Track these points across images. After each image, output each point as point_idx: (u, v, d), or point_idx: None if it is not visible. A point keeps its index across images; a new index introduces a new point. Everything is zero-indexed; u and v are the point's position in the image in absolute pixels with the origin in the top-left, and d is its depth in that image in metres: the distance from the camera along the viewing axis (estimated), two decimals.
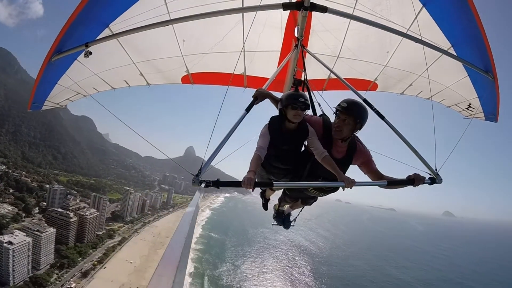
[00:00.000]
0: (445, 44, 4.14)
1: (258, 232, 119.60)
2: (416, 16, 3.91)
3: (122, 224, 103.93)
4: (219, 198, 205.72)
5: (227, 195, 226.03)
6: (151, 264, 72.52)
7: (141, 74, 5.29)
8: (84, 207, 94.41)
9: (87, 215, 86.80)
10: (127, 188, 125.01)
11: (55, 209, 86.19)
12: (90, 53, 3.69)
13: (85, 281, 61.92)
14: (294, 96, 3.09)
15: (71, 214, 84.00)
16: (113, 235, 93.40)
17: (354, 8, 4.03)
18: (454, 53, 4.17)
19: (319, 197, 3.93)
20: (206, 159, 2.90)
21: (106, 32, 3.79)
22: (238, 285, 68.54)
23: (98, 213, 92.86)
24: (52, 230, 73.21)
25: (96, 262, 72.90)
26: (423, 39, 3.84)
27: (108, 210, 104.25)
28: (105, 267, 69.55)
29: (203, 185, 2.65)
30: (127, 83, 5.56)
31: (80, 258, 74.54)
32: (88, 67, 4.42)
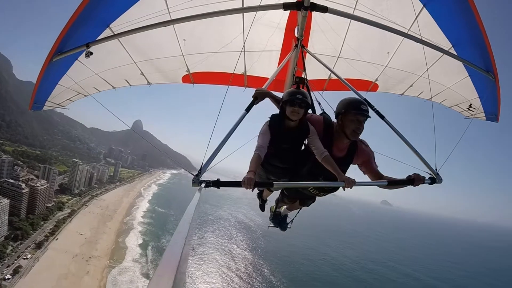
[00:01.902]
0: (445, 44, 4.13)
1: (201, 207, 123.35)
2: (417, 16, 3.90)
3: (70, 197, 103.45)
4: (166, 174, 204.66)
5: (174, 171, 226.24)
6: (101, 236, 74.09)
7: (142, 74, 5.30)
8: (33, 179, 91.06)
9: (38, 186, 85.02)
10: (75, 160, 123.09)
11: (6, 180, 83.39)
12: (91, 53, 3.69)
13: (40, 252, 62.44)
14: (293, 93, 3.09)
15: (23, 185, 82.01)
16: (62, 207, 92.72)
17: (355, 8, 4.03)
18: (454, 53, 4.16)
19: (317, 197, 3.91)
20: (206, 159, 2.90)
21: (107, 32, 3.80)
22: None
23: (48, 184, 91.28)
24: (6, 201, 72.25)
25: (48, 234, 73.10)
26: (423, 39, 3.83)
27: (56, 182, 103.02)
28: (57, 239, 70.31)
29: (203, 185, 2.65)
30: (128, 82, 5.57)
31: (32, 230, 74.18)
32: (89, 67, 4.43)
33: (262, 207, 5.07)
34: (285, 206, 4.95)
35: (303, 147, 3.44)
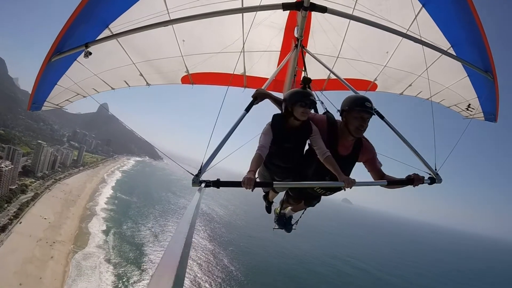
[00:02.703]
0: (444, 44, 4.15)
1: (162, 195, 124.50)
2: (416, 16, 3.91)
3: (33, 180, 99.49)
4: (130, 161, 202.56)
5: (138, 158, 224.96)
6: (65, 221, 73.41)
7: (141, 75, 5.29)
8: None
9: (2, 167, 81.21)
10: (40, 142, 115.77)
11: None
12: (90, 53, 3.68)
13: (4, 235, 61.05)
14: (304, 93, 3.07)
15: None
16: (25, 190, 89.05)
17: (354, 9, 4.03)
18: (453, 53, 4.17)
19: (322, 197, 3.91)
20: (206, 159, 2.89)
21: (106, 33, 3.79)
22: (140, 241, 71.90)
23: (12, 166, 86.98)
24: None
25: (12, 217, 70.65)
26: (422, 39, 3.84)
27: (20, 164, 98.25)
28: (21, 222, 68.80)
29: (203, 185, 2.64)
30: (127, 83, 5.55)
31: None
32: (88, 67, 4.42)
33: (268, 209, 5.03)
34: (289, 207, 4.92)
35: (307, 147, 3.43)
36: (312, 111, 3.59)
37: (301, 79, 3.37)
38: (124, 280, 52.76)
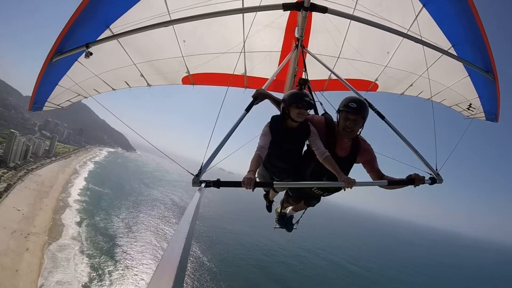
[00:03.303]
0: (445, 44, 4.14)
1: (135, 187, 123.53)
2: (416, 16, 3.90)
3: (6, 170, 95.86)
4: (102, 152, 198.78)
5: (111, 149, 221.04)
6: (38, 212, 72.49)
7: (142, 75, 5.30)
8: None
9: None
10: (12, 131, 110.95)
11: None
12: (91, 53, 3.69)
13: None
14: (299, 95, 3.08)
15: None
16: None
17: (354, 9, 4.03)
18: (454, 53, 4.16)
19: (322, 197, 3.91)
20: (206, 159, 2.89)
21: (106, 33, 3.80)
22: (113, 233, 72.06)
23: None
24: None
25: None
26: (423, 39, 3.83)
27: None
28: None
29: (203, 185, 2.64)
30: (127, 84, 5.56)
31: None
32: (89, 68, 4.43)
33: (268, 208, 5.06)
34: (290, 207, 4.93)
35: (306, 148, 3.44)
36: (312, 112, 3.59)
37: (297, 80, 3.39)
38: (99, 271, 52.77)
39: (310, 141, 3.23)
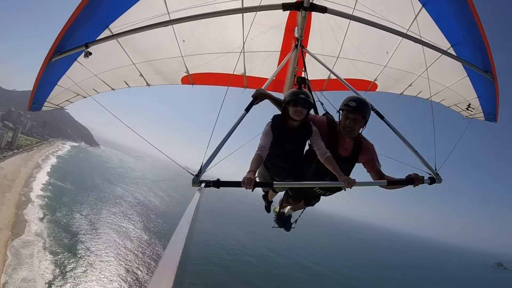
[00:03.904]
0: (444, 44, 4.15)
1: (98, 183, 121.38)
2: (416, 16, 3.91)
3: None
4: (65, 146, 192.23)
5: (74, 144, 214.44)
6: (1, 207, 70.06)
7: (141, 75, 5.29)
8: None
9: None
10: None
11: None
12: (90, 53, 3.69)
13: None
14: (296, 93, 3.09)
15: None
16: None
17: (354, 9, 4.04)
18: (453, 53, 4.17)
19: (321, 197, 3.91)
20: (205, 159, 2.89)
21: (106, 33, 3.79)
22: (76, 229, 71.31)
23: None
24: None
25: None
26: (422, 39, 3.84)
27: None
28: None
29: (203, 185, 2.63)
30: (127, 84, 5.55)
31: None
32: (88, 68, 4.42)
33: (267, 208, 5.05)
34: (289, 207, 4.93)
35: (307, 148, 3.44)
36: (312, 111, 3.59)
37: (292, 81, 3.39)
38: (62, 268, 52.27)
39: (311, 141, 3.22)
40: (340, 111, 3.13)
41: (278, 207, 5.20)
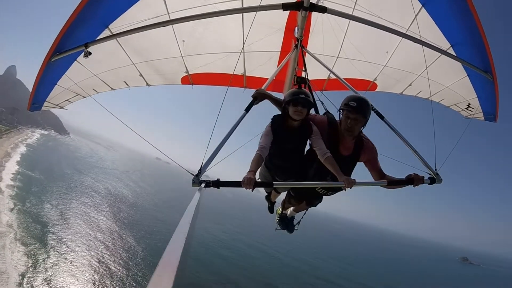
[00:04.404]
0: (444, 44, 4.15)
1: (67, 173, 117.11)
2: (416, 16, 3.91)
3: None
4: (35, 134, 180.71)
5: (43, 132, 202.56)
6: None
7: (141, 75, 5.29)
8: None
9: None
10: None
11: None
12: (90, 53, 3.69)
13: None
14: (296, 92, 3.08)
15: None
16: None
17: (354, 9, 4.04)
18: (453, 53, 4.17)
19: (322, 196, 3.90)
20: (205, 159, 2.89)
21: (105, 33, 3.79)
22: (46, 219, 68.45)
23: None
24: None
25: None
26: (422, 39, 3.84)
27: None
28: None
29: (203, 185, 2.63)
30: (126, 84, 5.55)
31: None
32: (88, 68, 4.42)
33: (270, 209, 5.03)
34: (291, 208, 4.91)
35: (308, 147, 3.43)
36: (313, 111, 3.59)
37: (292, 80, 3.39)
38: (34, 259, 50.96)
39: (312, 140, 3.22)
40: (341, 111, 3.12)
41: (280, 209, 5.19)
